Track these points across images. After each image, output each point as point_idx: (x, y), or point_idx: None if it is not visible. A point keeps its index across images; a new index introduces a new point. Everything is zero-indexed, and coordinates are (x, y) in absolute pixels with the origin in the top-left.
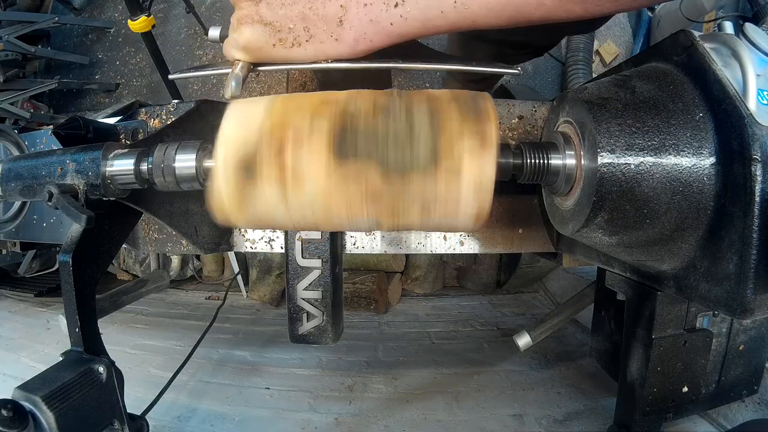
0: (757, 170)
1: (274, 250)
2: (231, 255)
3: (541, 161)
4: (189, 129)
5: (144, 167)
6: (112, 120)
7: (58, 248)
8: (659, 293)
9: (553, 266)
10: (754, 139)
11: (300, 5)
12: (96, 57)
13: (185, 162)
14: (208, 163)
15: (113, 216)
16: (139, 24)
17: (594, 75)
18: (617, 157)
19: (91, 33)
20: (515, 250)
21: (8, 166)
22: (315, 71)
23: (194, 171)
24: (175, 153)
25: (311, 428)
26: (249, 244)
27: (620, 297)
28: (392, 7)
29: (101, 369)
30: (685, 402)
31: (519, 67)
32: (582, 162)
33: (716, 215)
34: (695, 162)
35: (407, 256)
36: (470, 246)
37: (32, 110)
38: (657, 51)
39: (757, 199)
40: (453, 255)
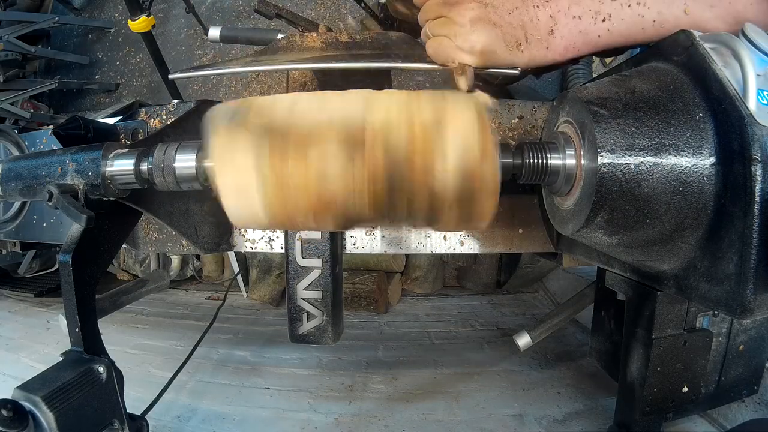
0: (757, 170)
1: (274, 250)
2: (231, 255)
3: (541, 161)
4: (189, 129)
5: (144, 167)
6: (112, 120)
7: (58, 248)
8: (659, 293)
9: (553, 266)
10: (754, 139)
11: (519, 12)
12: (96, 57)
13: (185, 162)
14: (209, 163)
15: (113, 216)
16: (139, 24)
17: (594, 75)
18: (617, 157)
19: (91, 33)
20: (515, 250)
21: (8, 166)
22: (315, 71)
23: (194, 171)
24: (175, 153)
25: (311, 428)
26: (249, 244)
27: (620, 297)
28: (600, 21)
29: (101, 369)
30: (685, 402)
31: (518, 68)
32: (582, 162)
33: (716, 215)
34: (695, 162)
35: (407, 256)
36: (470, 246)
37: (32, 110)
38: (657, 51)
39: (757, 199)
40: (453, 255)
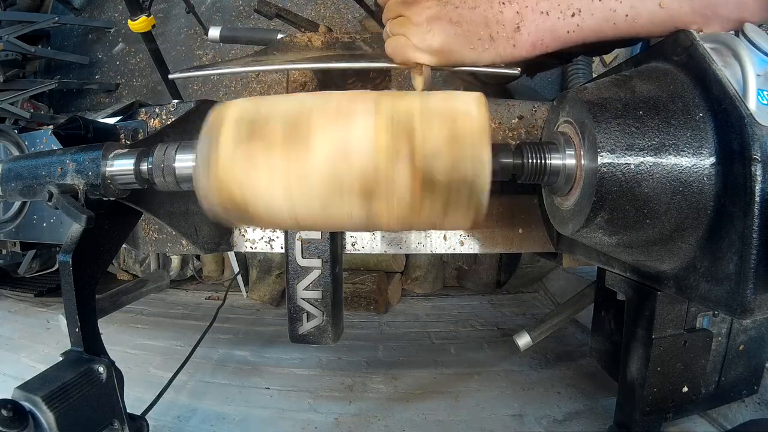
0: (757, 170)
1: (274, 250)
2: (231, 255)
3: (541, 161)
4: (189, 129)
5: (144, 167)
6: (112, 120)
7: (58, 248)
8: (659, 293)
9: (553, 266)
10: (754, 139)
11: (482, 10)
12: (96, 57)
13: (185, 162)
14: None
15: (113, 216)
16: (139, 24)
17: (594, 75)
18: (617, 157)
19: (91, 33)
20: (515, 250)
21: (8, 166)
22: (315, 71)
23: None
24: (175, 153)
25: (311, 428)
26: (249, 244)
27: (620, 297)
28: (569, 17)
29: (101, 369)
30: (685, 402)
31: (518, 68)
32: (582, 162)
33: (716, 215)
34: (695, 162)
35: (407, 256)
36: (470, 246)
37: (32, 110)
38: (657, 51)
39: (757, 199)
40: (453, 255)
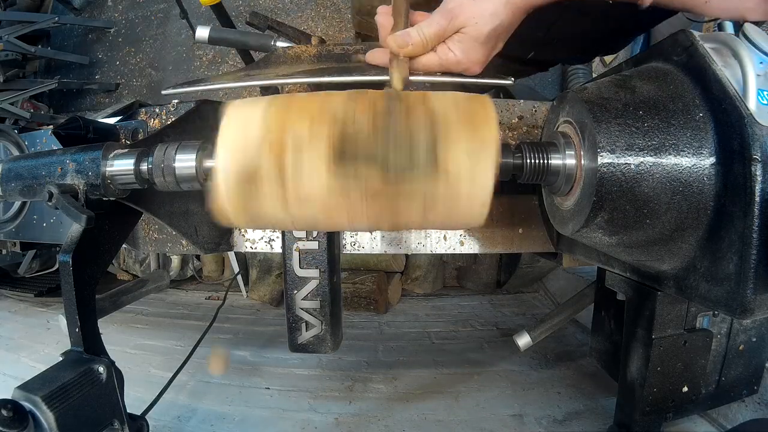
0: (757, 170)
1: (274, 250)
2: (231, 255)
3: (541, 161)
4: (189, 129)
5: (144, 167)
6: (112, 120)
7: (58, 248)
8: (659, 293)
9: (553, 266)
10: (754, 139)
11: None
12: (96, 57)
13: (185, 162)
14: (208, 163)
15: (113, 216)
16: None
17: (594, 75)
18: (617, 157)
19: (91, 33)
20: (515, 250)
21: (8, 166)
22: (308, 85)
23: (194, 171)
24: (175, 153)
25: (311, 428)
26: (249, 244)
27: (620, 297)
28: None
29: (101, 369)
30: (685, 402)
31: (512, 78)
32: (582, 162)
33: (716, 215)
34: (695, 162)
35: (407, 256)
36: (470, 246)
37: (32, 110)
38: (657, 51)
39: (757, 199)
40: (453, 255)
